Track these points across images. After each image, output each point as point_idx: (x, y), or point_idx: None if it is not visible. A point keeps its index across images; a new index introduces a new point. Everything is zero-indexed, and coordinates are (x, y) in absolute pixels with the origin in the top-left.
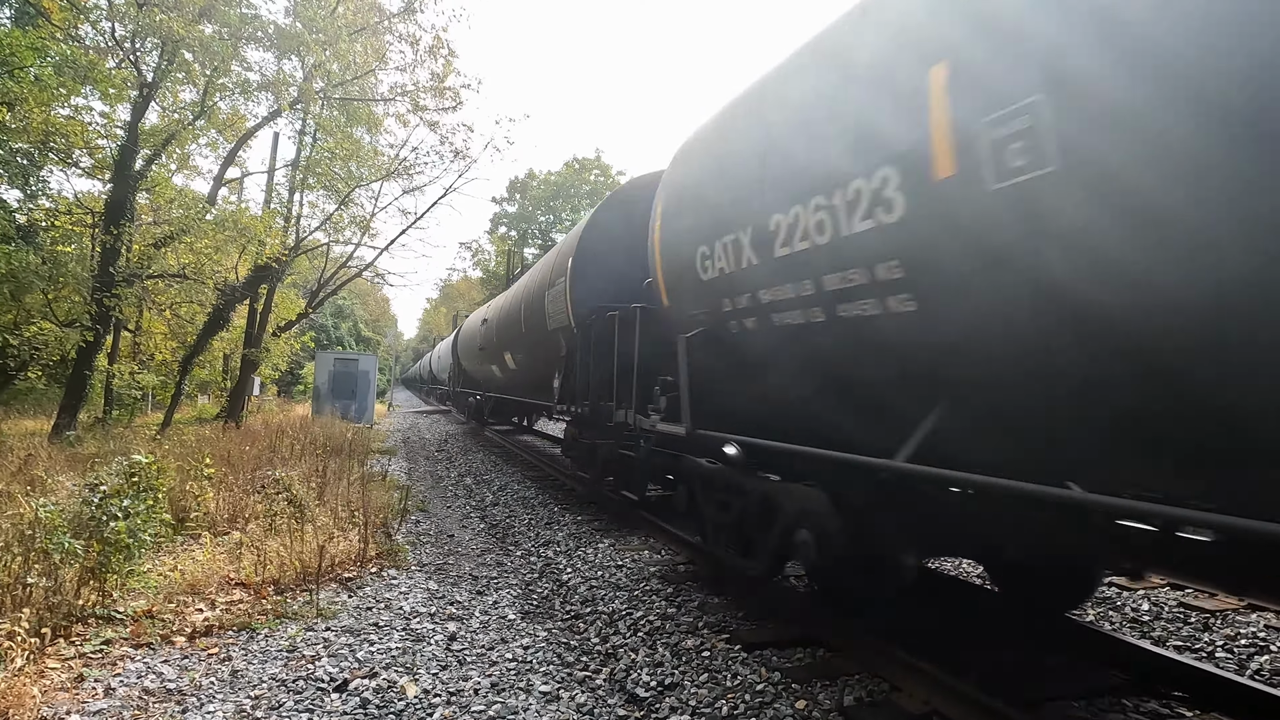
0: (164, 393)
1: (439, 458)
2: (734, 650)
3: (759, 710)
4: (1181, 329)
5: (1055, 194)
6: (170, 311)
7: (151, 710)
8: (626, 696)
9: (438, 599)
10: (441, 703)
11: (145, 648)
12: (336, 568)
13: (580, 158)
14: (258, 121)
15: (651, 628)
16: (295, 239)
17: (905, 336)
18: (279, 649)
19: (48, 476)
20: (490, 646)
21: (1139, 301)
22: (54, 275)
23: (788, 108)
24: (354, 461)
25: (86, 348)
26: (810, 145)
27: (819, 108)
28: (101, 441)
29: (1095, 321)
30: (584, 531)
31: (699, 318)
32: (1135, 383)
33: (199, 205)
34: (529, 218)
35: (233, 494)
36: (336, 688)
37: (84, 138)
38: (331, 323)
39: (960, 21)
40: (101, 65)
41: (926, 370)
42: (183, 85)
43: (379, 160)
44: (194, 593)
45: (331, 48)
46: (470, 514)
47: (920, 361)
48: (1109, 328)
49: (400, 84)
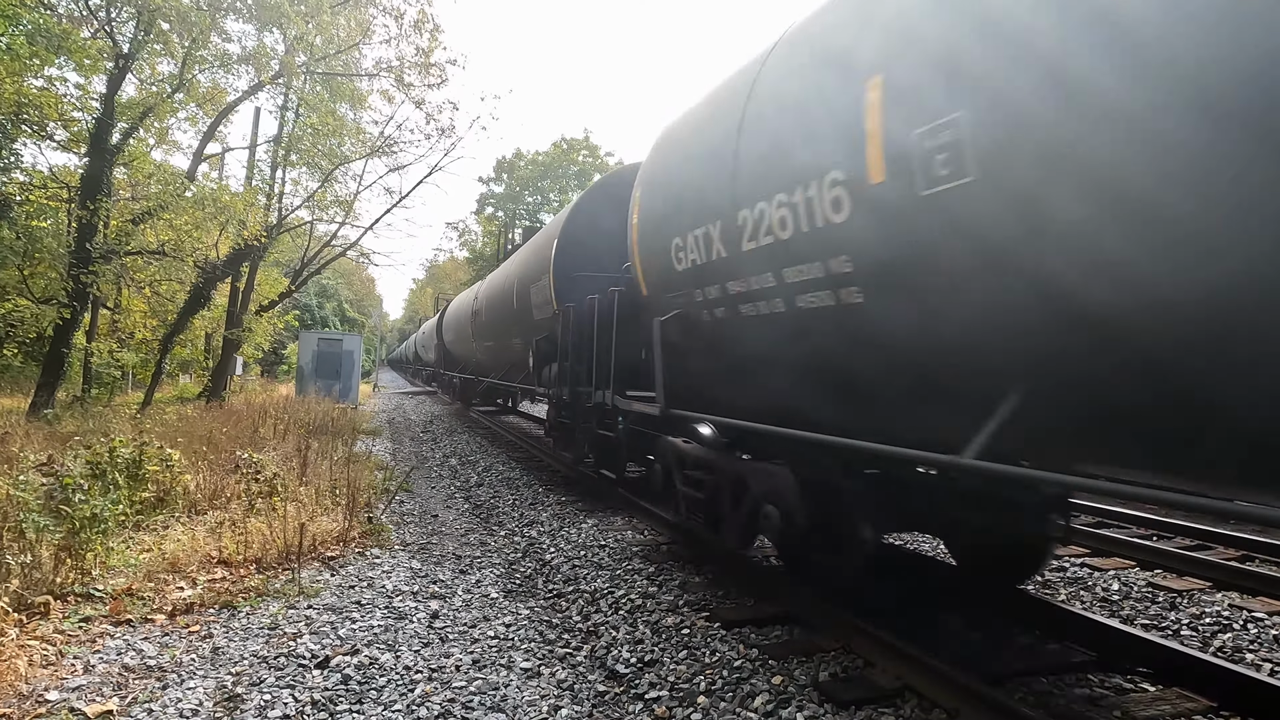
0: (144, 372)
1: (424, 439)
2: (713, 628)
3: (736, 685)
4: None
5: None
6: (150, 289)
7: (132, 686)
8: (607, 673)
9: (421, 578)
10: (423, 679)
11: (125, 625)
12: (319, 546)
13: (568, 138)
14: (238, 95)
15: (633, 606)
16: (278, 217)
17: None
18: (260, 626)
19: (25, 455)
20: (472, 624)
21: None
22: (29, 251)
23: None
24: (338, 441)
25: (64, 325)
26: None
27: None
28: (80, 420)
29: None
30: (568, 512)
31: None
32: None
33: (178, 181)
34: (516, 198)
35: (214, 474)
36: (318, 664)
37: (58, 110)
38: (316, 302)
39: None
40: (76, 35)
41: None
42: (160, 57)
43: (363, 138)
44: (174, 571)
45: (314, 20)
46: (455, 494)
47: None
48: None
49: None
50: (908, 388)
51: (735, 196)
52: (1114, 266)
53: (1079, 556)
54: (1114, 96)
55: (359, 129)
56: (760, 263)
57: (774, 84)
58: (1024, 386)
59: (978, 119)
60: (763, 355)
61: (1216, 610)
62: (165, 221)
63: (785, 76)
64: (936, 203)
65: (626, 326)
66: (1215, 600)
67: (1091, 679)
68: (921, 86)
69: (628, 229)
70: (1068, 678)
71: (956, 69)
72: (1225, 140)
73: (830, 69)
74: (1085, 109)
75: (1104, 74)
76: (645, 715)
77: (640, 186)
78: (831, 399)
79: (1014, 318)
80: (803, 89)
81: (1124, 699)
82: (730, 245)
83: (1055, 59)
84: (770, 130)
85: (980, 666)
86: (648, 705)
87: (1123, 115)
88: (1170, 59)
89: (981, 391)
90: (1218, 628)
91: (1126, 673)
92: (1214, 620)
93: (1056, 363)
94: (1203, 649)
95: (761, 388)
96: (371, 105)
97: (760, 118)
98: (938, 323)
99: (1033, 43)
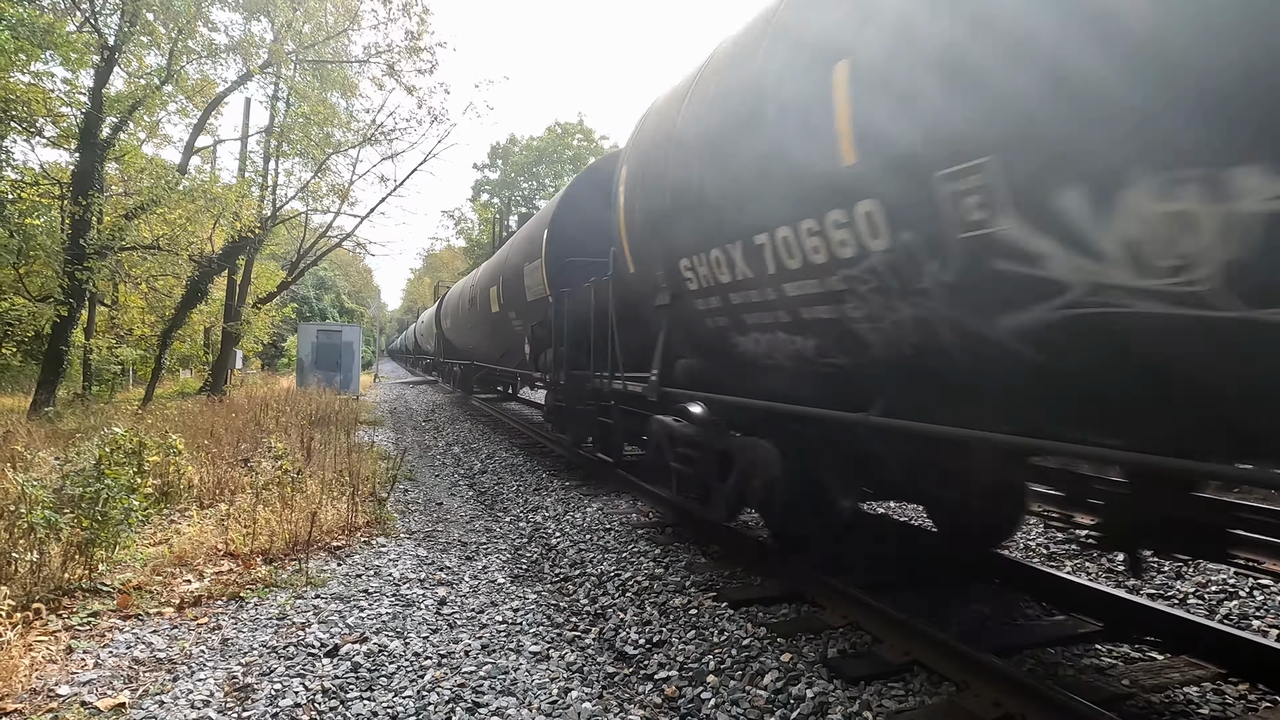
0: (144, 368)
1: (426, 428)
2: (720, 608)
3: (745, 664)
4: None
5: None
6: (146, 284)
7: (142, 679)
8: (615, 654)
9: (427, 565)
10: (433, 665)
11: (134, 619)
12: (325, 536)
13: (563, 122)
14: (227, 86)
15: (640, 588)
16: (272, 208)
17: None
18: (269, 617)
19: (29, 453)
20: (480, 610)
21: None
22: (23, 249)
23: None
24: (341, 432)
25: (61, 323)
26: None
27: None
28: (81, 417)
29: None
30: (572, 496)
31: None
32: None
33: (170, 174)
34: (512, 184)
35: (217, 467)
36: (328, 653)
37: (46, 105)
38: (314, 294)
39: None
40: (61, 28)
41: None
42: (147, 49)
43: (356, 126)
44: (181, 564)
45: (301, 6)
46: (459, 482)
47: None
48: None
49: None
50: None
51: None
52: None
53: (1084, 528)
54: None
55: (351, 117)
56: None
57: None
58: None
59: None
60: (757, 350)
61: (1222, 578)
62: (159, 215)
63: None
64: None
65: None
66: (1220, 569)
67: (1099, 649)
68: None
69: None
70: (1075, 648)
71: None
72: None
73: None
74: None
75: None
76: (655, 695)
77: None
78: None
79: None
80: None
81: (1132, 668)
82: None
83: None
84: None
85: (986, 638)
86: (657, 685)
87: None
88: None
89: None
90: (1224, 595)
91: (1135, 642)
92: (1220, 589)
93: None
94: (1209, 617)
95: (745, 368)
96: (363, 93)
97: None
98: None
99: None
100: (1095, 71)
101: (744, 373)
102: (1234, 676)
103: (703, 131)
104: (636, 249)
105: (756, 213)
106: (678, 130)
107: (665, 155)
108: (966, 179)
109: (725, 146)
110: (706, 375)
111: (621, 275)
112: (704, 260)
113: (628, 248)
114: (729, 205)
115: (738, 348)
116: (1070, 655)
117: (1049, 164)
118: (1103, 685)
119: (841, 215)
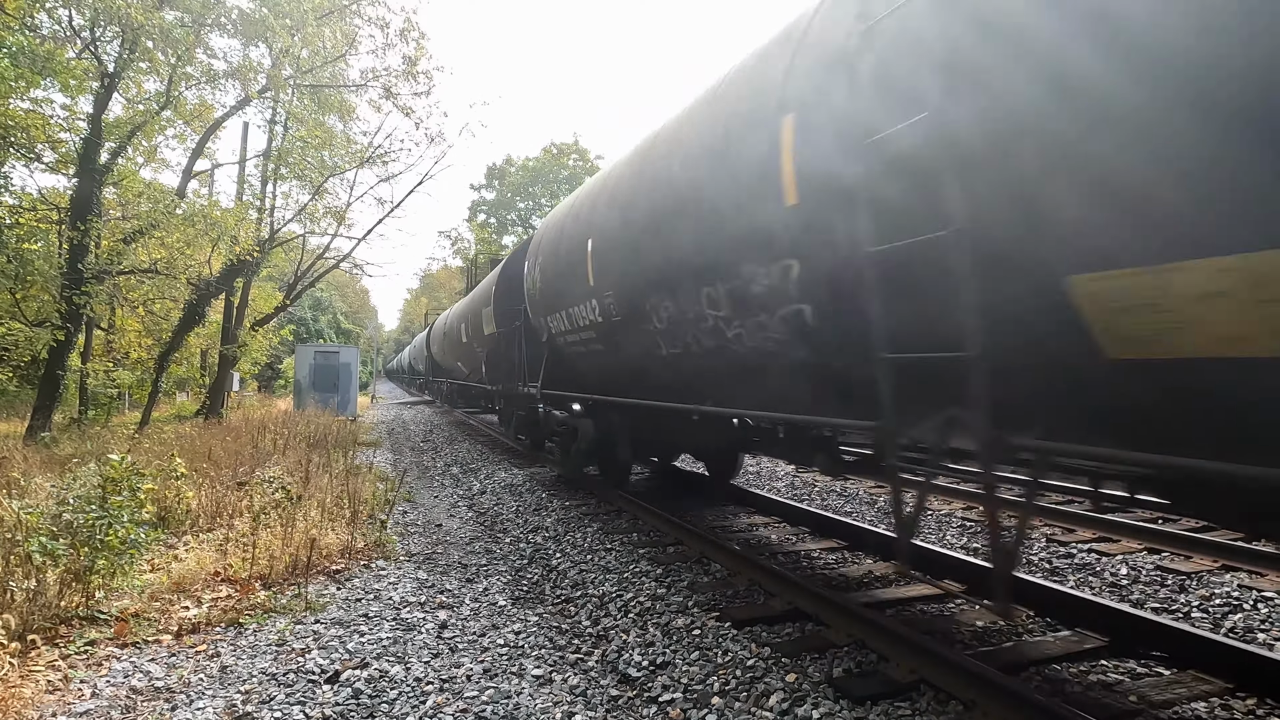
0: (141, 391)
1: (424, 448)
2: (724, 628)
3: (750, 685)
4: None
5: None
6: (143, 308)
7: (140, 709)
8: (619, 677)
9: (427, 588)
10: (434, 690)
11: (131, 647)
12: (324, 560)
13: (558, 143)
14: (225, 111)
15: (642, 609)
16: (270, 231)
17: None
18: (268, 643)
19: (25, 479)
20: (482, 633)
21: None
22: (20, 274)
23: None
24: (339, 453)
25: (58, 347)
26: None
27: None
28: (78, 442)
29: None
30: (572, 516)
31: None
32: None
33: (168, 198)
34: (508, 205)
35: (215, 491)
36: (328, 679)
37: (45, 131)
38: (311, 316)
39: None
40: (60, 55)
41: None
42: (146, 75)
43: (353, 148)
44: (179, 591)
45: (299, 33)
46: (458, 503)
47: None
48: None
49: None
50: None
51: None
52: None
53: (1086, 542)
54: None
55: (348, 140)
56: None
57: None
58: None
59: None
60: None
61: (1226, 591)
62: (157, 239)
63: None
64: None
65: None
66: (1224, 581)
67: (1105, 664)
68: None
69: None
70: (1081, 664)
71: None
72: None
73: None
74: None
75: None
76: (659, 718)
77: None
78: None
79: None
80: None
81: (1139, 683)
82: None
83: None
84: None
85: (990, 655)
86: (661, 708)
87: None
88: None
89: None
90: (1228, 608)
91: (1141, 657)
92: (1224, 601)
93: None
94: (1214, 630)
95: (587, 374)
96: (360, 116)
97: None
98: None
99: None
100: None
101: (576, 376)
102: (1241, 691)
103: (552, 248)
104: (534, 306)
105: (569, 295)
106: (548, 241)
107: (548, 253)
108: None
109: (560, 259)
110: (567, 380)
111: (528, 322)
112: (557, 316)
113: (528, 306)
114: (562, 291)
115: (575, 362)
116: (1077, 671)
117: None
118: (1110, 702)
119: (593, 306)
